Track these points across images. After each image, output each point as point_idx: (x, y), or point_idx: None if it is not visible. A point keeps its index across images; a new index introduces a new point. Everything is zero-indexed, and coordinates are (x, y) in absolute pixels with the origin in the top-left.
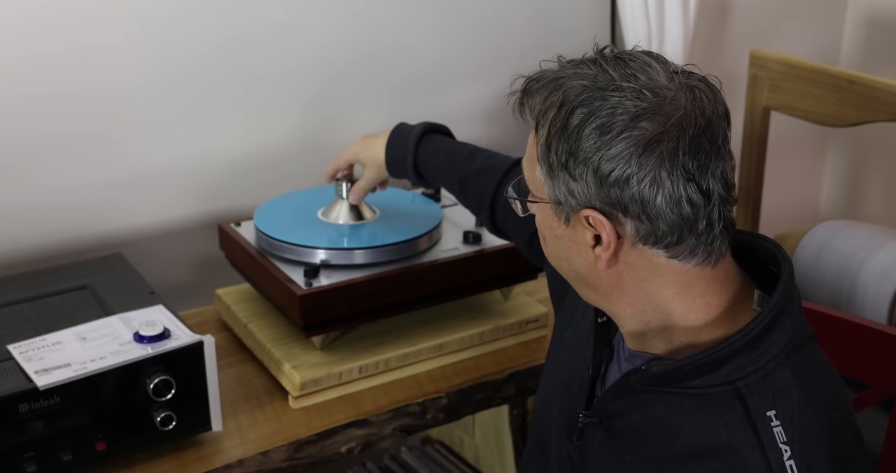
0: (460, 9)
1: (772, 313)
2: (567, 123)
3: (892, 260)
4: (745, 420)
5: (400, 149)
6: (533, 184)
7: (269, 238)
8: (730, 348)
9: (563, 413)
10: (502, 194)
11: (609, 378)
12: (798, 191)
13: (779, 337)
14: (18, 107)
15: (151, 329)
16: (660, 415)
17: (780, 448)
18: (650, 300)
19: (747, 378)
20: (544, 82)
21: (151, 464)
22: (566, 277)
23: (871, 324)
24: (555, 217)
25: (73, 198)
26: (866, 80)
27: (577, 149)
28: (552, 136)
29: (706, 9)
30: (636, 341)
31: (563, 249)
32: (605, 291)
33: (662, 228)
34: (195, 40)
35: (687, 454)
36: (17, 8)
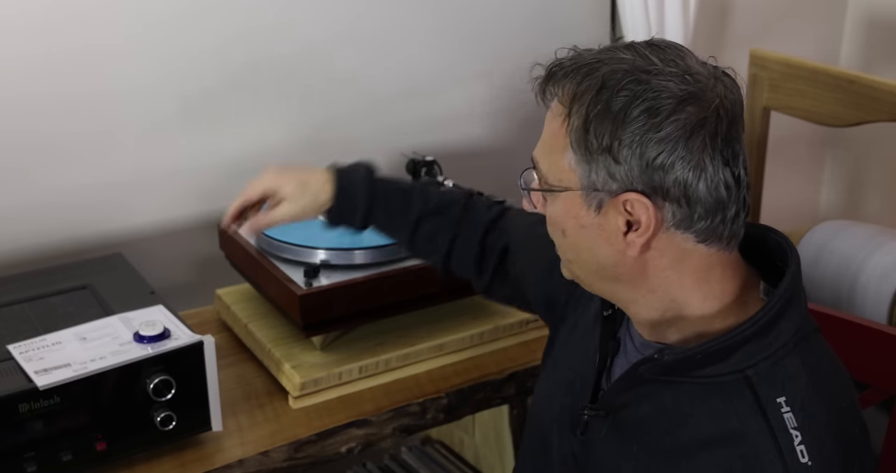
0: (461, 9)
1: (780, 302)
2: (610, 106)
3: (891, 261)
4: (755, 408)
5: (350, 196)
6: (555, 173)
7: (269, 238)
8: (740, 336)
9: (565, 409)
10: (462, 234)
11: (615, 370)
12: (798, 191)
13: (787, 325)
14: (19, 108)
15: (151, 329)
16: (668, 405)
17: (790, 433)
18: (672, 287)
19: (756, 366)
20: (574, 67)
21: (151, 464)
22: (579, 271)
23: (871, 324)
24: (583, 204)
25: (73, 198)
26: (866, 80)
27: (623, 131)
28: (592, 119)
29: (706, 9)
30: (652, 331)
31: (586, 239)
32: (627, 280)
33: (699, 212)
34: (195, 40)
35: (696, 443)
36: (18, 8)
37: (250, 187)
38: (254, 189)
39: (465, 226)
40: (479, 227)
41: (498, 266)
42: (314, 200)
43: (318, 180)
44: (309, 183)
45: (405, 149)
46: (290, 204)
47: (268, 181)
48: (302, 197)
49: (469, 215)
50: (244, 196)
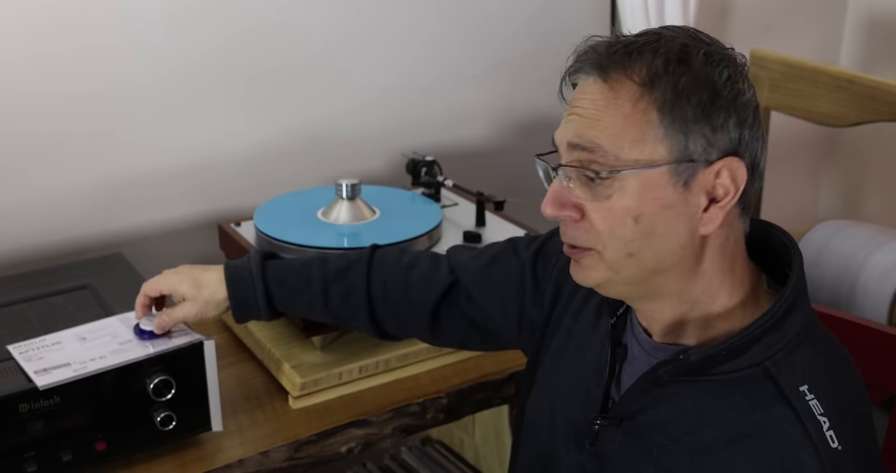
0: (461, 9)
1: (793, 294)
2: (698, 74)
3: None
4: (778, 398)
5: (244, 283)
6: (631, 154)
7: (269, 238)
8: (760, 329)
9: (569, 423)
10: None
11: (623, 378)
12: (798, 191)
13: (798, 317)
14: (19, 108)
15: (151, 323)
16: (688, 405)
17: (818, 420)
18: (714, 272)
19: (774, 357)
20: (633, 47)
21: (151, 464)
22: (633, 268)
23: (871, 324)
24: (668, 181)
25: (73, 198)
26: (866, 80)
27: (719, 95)
28: (684, 89)
29: (706, 9)
30: (668, 332)
31: (666, 221)
32: (682, 267)
33: (756, 184)
34: (195, 40)
35: (722, 440)
36: (18, 8)
37: (148, 286)
38: (151, 288)
39: (376, 280)
40: (399, 272)
41: (449, 307)
42: (212, 297)
43: (213, 277)
44: (202, 281)
45: (405, 149)
46: (190, 303)
47: (163, 281)
48: (199, 295)
49: (379, 265)
50: (142, 294)
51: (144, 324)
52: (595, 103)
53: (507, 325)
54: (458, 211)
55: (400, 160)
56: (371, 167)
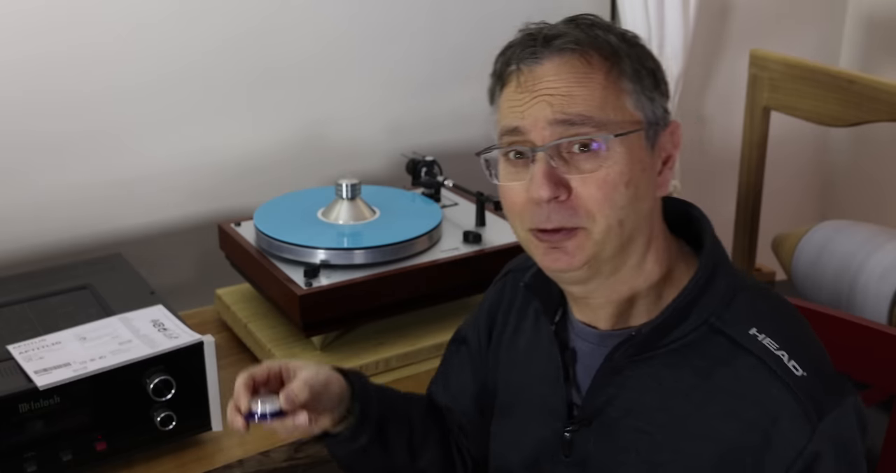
0: (460, 8)
1: (714, 253)
2: (644, 48)
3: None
4: (734, 348)
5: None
6: (619, 120)
7: (269, 238)
8: (696, 288)
9: (544, 442)
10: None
11: (580, 379)
12: (798, 191)
13: (725, 272)
14: (19, 107)
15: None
16: (650, 383)
17: (776, 355)
18: (657, 236)
19: (715, 312)
20: (583, 27)
21: (151, 464)
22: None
23: (871, 324)
24: (645, 146)
25: (73, 197)
26: (866, 80)
27: (658, 66)
28: (639, 59)
29: (706, 9)
30: (617, 316)
31: (644, 183)
32: (645, 232)
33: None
34: (196, 40)
35: (694, 406)
36: (17, 7)
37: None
38: (259, 369)
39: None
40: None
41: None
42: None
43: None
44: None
45: (405, 150)
46: (308, 369)
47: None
48: (313, 363)
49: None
50: (247, 375)
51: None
52: (567, 80)
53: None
54: (458, 211)
55: (400, 160)
56: (371, 167)
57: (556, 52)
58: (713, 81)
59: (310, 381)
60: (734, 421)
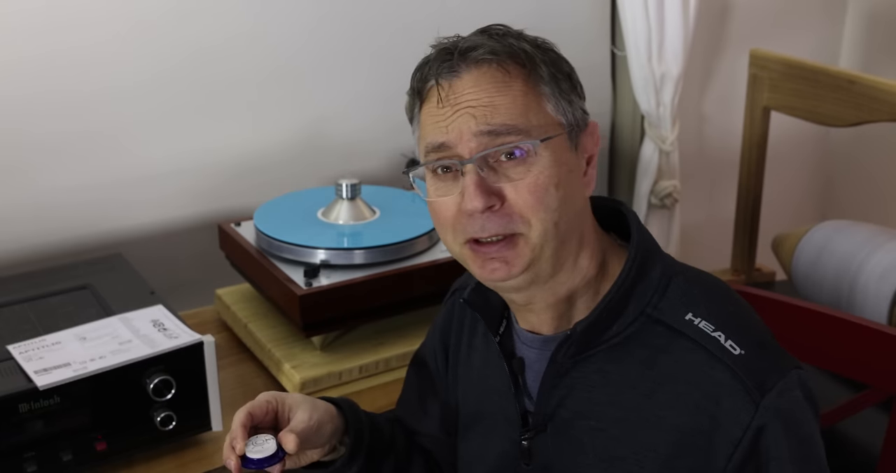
0: (460, 9)
1: (643, 243)
2: (555, 51)
3: (891, 261)
4: (671, 335)
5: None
6: (541, 126)
7: (269, 238)
8: (629, 279)
9: (501, 454)
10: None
11: (530, 386)
12: (798, 191)
13: (656, 260)
14: (19, 108)
15: (261, 448)
16: (597, 379)
17: (713, 336)
18: (591, 234)
19: (651, 301)
20: (495, 37)
21: (151, 464)
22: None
23: (871, 324)
24: (569, 147)
25: (73, 198)
26: (866, 80)
27: (573, 70)
28: (553, 65)
29: (706, 9)
30: (559, 318)
31: (572, 185)
32: (578, 231)
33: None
34: (195, 40)
35: (640, 397)
36: (17, 8)
37: (250, 405)
38: (256, 404)
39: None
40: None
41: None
42: (324, 405)
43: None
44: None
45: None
46: (302, 411)
47: (265, 393)
48: (308, 400)
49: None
50: (245, 413)
51: (256, 451)
52: (487, 91)
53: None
54: None
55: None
56: (371, 167)
57: (474, 63)
58: (713, 81)
59: (304, 433)
60: (681, 407)
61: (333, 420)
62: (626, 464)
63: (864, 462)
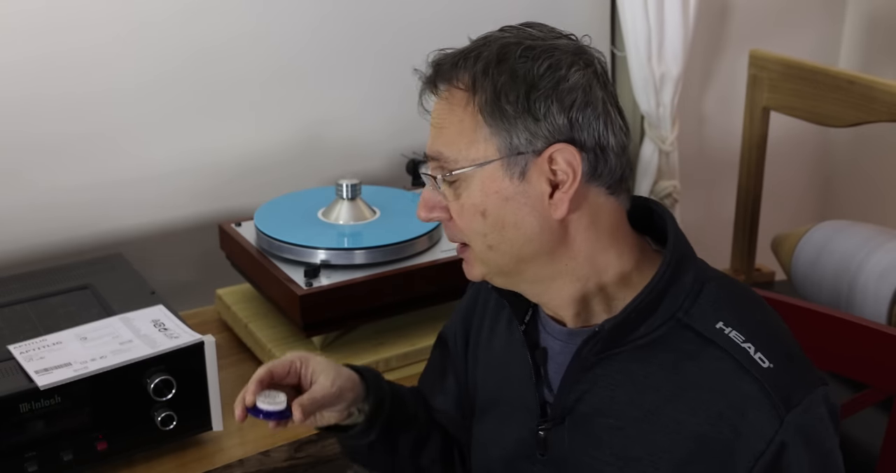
0: (459, 9)
1: (678, 248)
2: (515, 71)
3: (891, 261)
4: (701, 342)
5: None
6: (468, 155)
7: (270, 238)
8: (661, 283)
9: (520, 442)
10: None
11: (551, 377)
12: (798, 191)
13: (690, 266)
14: (19, 108)
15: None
16: (620, 378)
17: (743, 347)
18: (592, 248)
19: (682, 306)
20: (460, 56)
21: (152, 464)
22: (499, 257)
23: (870, 324)
24: (505, 175)
25: (73, 198)
26: (865, 81)
27: (535, 90)
28: (501, 88)
29: (706, 9)
30: (578, 314)
31: (511, 212)
32: (549, 250)
33: (611, 160)
34: (196, 41)
35: (662, 399)
36: (18, 9)
37: (275, 363)
38: (279, 364)
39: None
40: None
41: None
42: (347, 372)
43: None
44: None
45: (405, 150)
46: (325, 376)
47: (294, 353)
48: (333, 366)
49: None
50: (271, 366)
51: (267, 404)
52: (439, 115)
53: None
54: None
55: (400, 160)
56: (371, 167)
57: (442, 82)
58: (713, 81)
59: (324, 399)
60: (703, 415)
61: (355, 389)
62: (640, 465)
63: (863, 463)
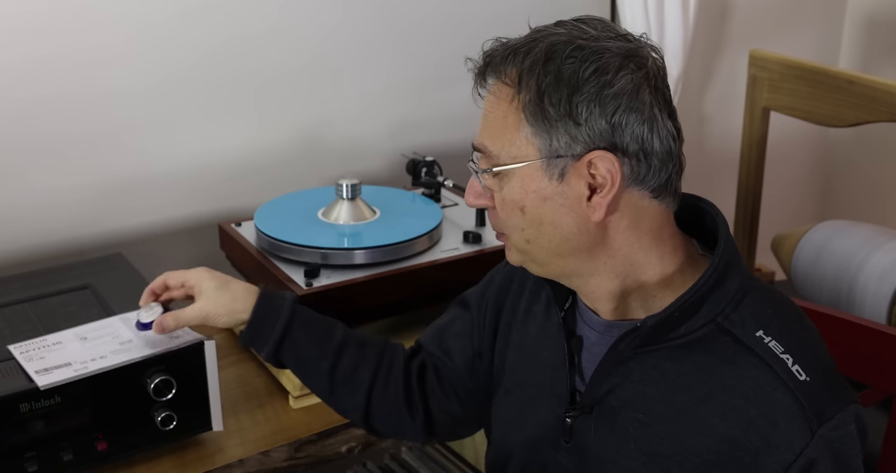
0: (459, 9)
1: (726, 253)
2: (560, 73)
3: (891, 261)
4: (739, 348)
5: (272, 305)
6: (510, 151)
7: (270, 238)
8: (706, 286)
9: (547, 427)
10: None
11: (584, 366)
12: (798, 191)
13: (736, 272)
14: (19, 109)
15: (152, 315)
16: (654, 375)
17: (781, 358)
18: (632, 248)
19: (724, 312)
20: (511, 50)
21: (152, 464)
22: (537, 251)
23: (870, 324)
24: (544, 175)
25: (74, 198)
26: (866, 81)
27: (579, 93)
28: (545, 89)
29: (706, 9)
30: (616, 309)
31: (549, 211)
32: (587, 249)
33: (655, 165)
34: (196, 42)
35: (693, 400)
36: (19, 9)
37: (172, 274)
38: (175, 277)
39: (385, 360)
40: (399, 360)
41: (427, 386)
42: (231, 301)
43: (242, 287)
44: (231, 285)
45: (405, 150)
46: (204, 301)
47: (191, 272)
48: (220, 295)
49: (390, 350)
50: (160, 281)
51: (145, 316)
52: (487, 107)
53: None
54: (458, 211)
55: (400, 160)
56: (371, 167)
57: (491, 75)
58: (713, 81)
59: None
60: (734, 420)
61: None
62: (666, 463)
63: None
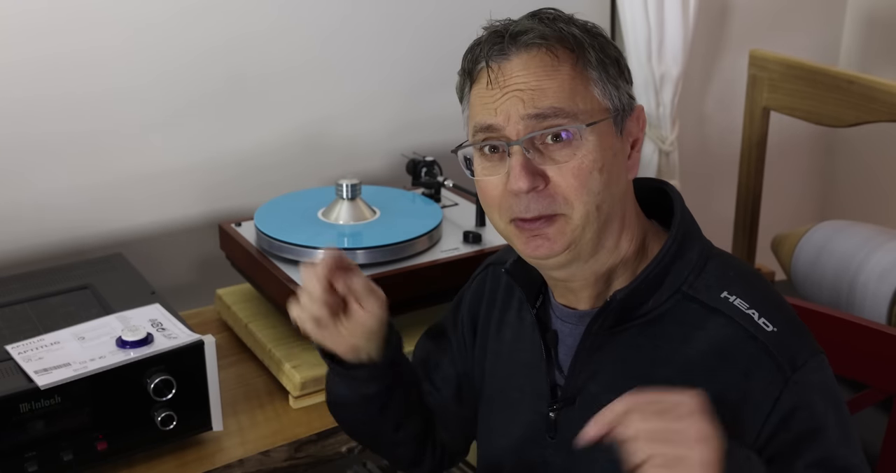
0: (459, 9)
1: (683, 224)
2: (603, 37)
3: (891, 261)
4: (706, 312)
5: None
6: (588, 110)
7: (270, 238)
8: (668, 256)
9: (523, 427)
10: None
11: (561, 359)
12: (798, 191)
13: (695, 242)
14: (19, 109)
15: (134, 334)
16: (630, 353)
17: (747, 313)
18: (632, 214)
19: (687, 279)
20: (542, 21)
21: (152, 464)
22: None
23: (870, 324)
24: (614, 132)
25: (73, 198)
26: (866, 81)
27: (620, 55)
28: (603, 48)
29: (706, 9)
30: (597, 295)
31: (616, 167)
32: (619, 212)
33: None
34: (196, 42)
35: (673, 371)
36: (19, 10)
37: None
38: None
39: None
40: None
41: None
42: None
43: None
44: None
45: (405, 150)
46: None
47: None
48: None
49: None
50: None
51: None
52: (536, 74)
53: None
54: (458, 211)
55: (400, 160)
56: (371, 167)
57: (524, 47)
58: (713, 81)
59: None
60: (713, 382)
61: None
62: None
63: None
